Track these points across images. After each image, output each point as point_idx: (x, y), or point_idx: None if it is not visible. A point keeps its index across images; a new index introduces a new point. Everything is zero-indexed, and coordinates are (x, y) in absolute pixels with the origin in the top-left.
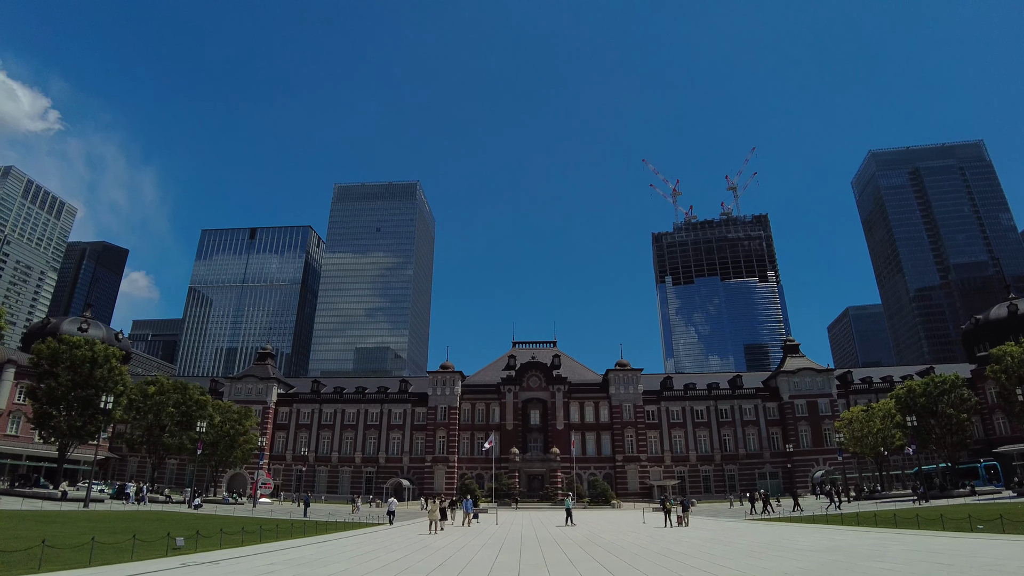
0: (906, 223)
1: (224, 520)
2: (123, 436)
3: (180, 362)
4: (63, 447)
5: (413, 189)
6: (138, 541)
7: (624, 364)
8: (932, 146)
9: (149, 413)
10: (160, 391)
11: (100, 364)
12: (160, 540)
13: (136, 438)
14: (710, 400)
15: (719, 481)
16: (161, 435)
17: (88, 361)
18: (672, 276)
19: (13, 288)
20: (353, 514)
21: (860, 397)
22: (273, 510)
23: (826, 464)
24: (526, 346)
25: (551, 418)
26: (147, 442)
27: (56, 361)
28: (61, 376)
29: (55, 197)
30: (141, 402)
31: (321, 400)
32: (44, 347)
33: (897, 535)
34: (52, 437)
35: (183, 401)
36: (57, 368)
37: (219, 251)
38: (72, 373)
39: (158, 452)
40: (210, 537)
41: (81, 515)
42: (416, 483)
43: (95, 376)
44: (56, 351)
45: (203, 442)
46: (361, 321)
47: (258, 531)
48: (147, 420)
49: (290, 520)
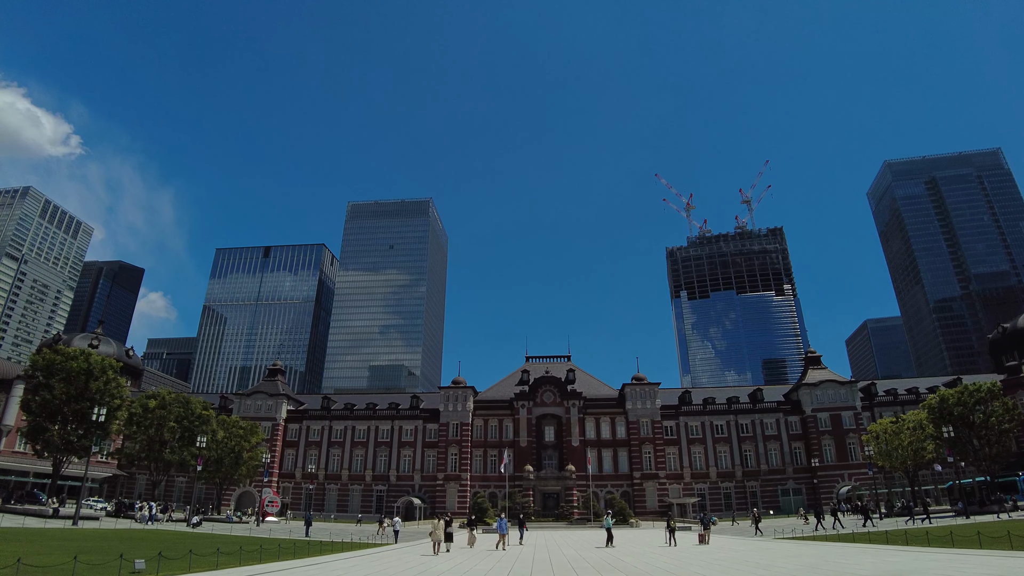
0: (924, 233)
1: (214, 539)
2: (123, 451)
3: (194, 380)
4: (57, 462)
5: (426, 206)
6: (89, 565)
7: (641, 378)
8: (949, 155)
9: (150, 428)
10: (161, 405)
11: (96, 376)
12: (113, 563)
13: (137, 453)
14: (730, 414)
15: (740, 498)
16: (162, 451)
17: (83, 373)
18: (687, 291)
19: (30, 307)
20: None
21: (885, 410)
22: (272, 529)
23: (851, 479)
24: (539, 361)
25: (566, 434)
26: (148, 458)
27: (52, 373)
28: (56, 388)
29: (72, 217)
30: (142, 416)
31: (331, 416)
32: (39, 358)
33: (960, 555)
34: (46, 451)
35: (185, 415)
36: (52, 380)
37: (233, 270)
38: (67, 385)
39: (160, 468)
40: (179, 559)
41: (60, 533)
42: (428, 502)
43: (91, 388)
44: (52, 362)
45: (204, 458)
46: (375, 339)
47: (238, 552)
48: (148, 435)
49: (289, 540)
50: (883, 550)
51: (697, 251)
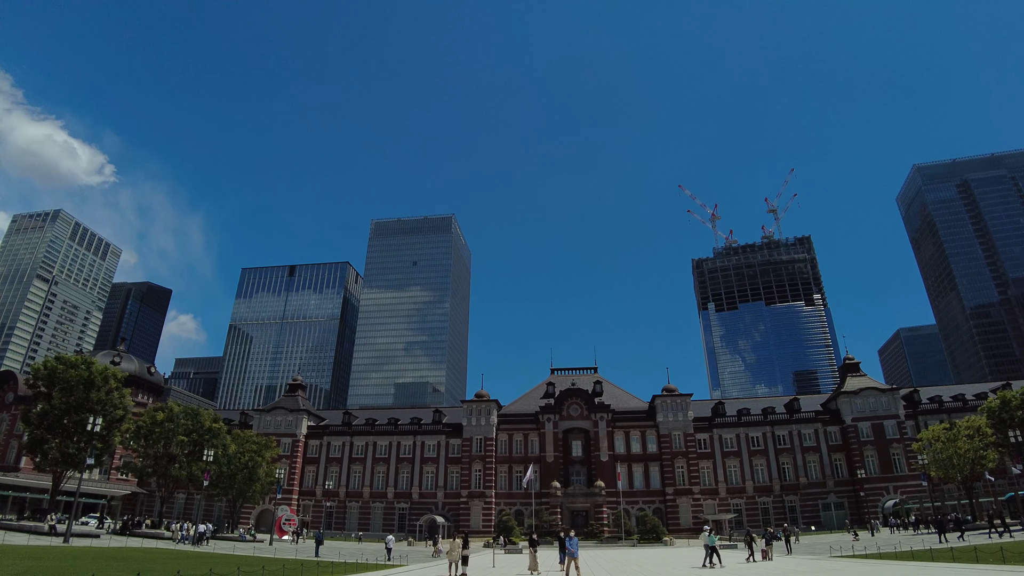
0: (958, 238)
1: (203, 559)
2: (130, 466)
3: (220, 399)
4: (57, 476)
5: (448, 222)
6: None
7: (672, 389)
8: (980, 157)
9: (159, 442)
10: (169, 418)
11: (98, 386)
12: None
13: (144, 468)
14: (766, 426)
15: (779, 513)
16: (170, 465)
17: (83, 382)
18: (715, 303)
19: (60, 327)
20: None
21: (930, 418)
22: (278, 549)
23: (897, 492)
24: (565, 373)
25: (594, 449)
26: (155, 473)
27: (53, 382)
28: (55, 398)
29: (101, 239)
30: (150, 430)
31: (352, 432)
32: (40, 367)
33: None
34: (45, 465)
35: (194, 429)
36: (52, 390)
37: (259, 289)
38: (66, 395)
39: (169, 484)
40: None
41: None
42: (452, 520)
43: (91, 399)
44: (53, 371)
45: (216, 473)
46: (399, 356)
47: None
48: (157, 449)
49: (292, 560)
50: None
51: (724, 262)
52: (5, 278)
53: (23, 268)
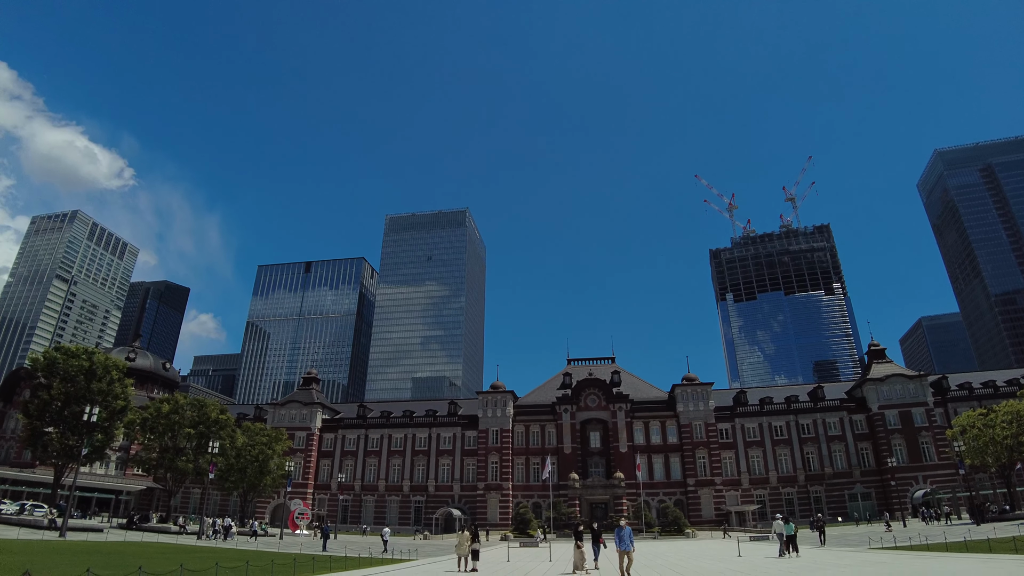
0: (982, 224)
1: (195, 553)
2: (135, 459)
3: (238, 395)
4: (58, 468)
5: (463, 216)
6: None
7: (692, 378)
8: (1004, 140)
9: (164, 434)
10: (175, 410)
11: (99, 376)
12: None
13: (150, 461)
14: (789, 415)
15: (804, 504)
16: (176, 458)
17: (84, 372)
18: (733, 293)
19: (80, 326)
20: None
21: (960, 405)
22: (281, 544)
23: (927, 482)
24: (582, 363)
25: (613, 440)
26: (160, 466)
27: (53, 372)
28: (55, 388)
29: (118, 239)
30: (155, 422)
31: (367, 425)
32: (40, 356)
33: None
34: (45, 457)
35: (200, 420)
36: (52, 380)
37: (276, 286)
38: (66, 384)
39: (175, 478)
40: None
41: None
42: (468, 512)
43: (92, 389)
44: (53, 360)
45: (221, 465)
46: (416, 351)
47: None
48: (162, 442)
49: (284, 555)
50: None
51: (742, 252)
52: (25, 279)
53: (43, 268)
